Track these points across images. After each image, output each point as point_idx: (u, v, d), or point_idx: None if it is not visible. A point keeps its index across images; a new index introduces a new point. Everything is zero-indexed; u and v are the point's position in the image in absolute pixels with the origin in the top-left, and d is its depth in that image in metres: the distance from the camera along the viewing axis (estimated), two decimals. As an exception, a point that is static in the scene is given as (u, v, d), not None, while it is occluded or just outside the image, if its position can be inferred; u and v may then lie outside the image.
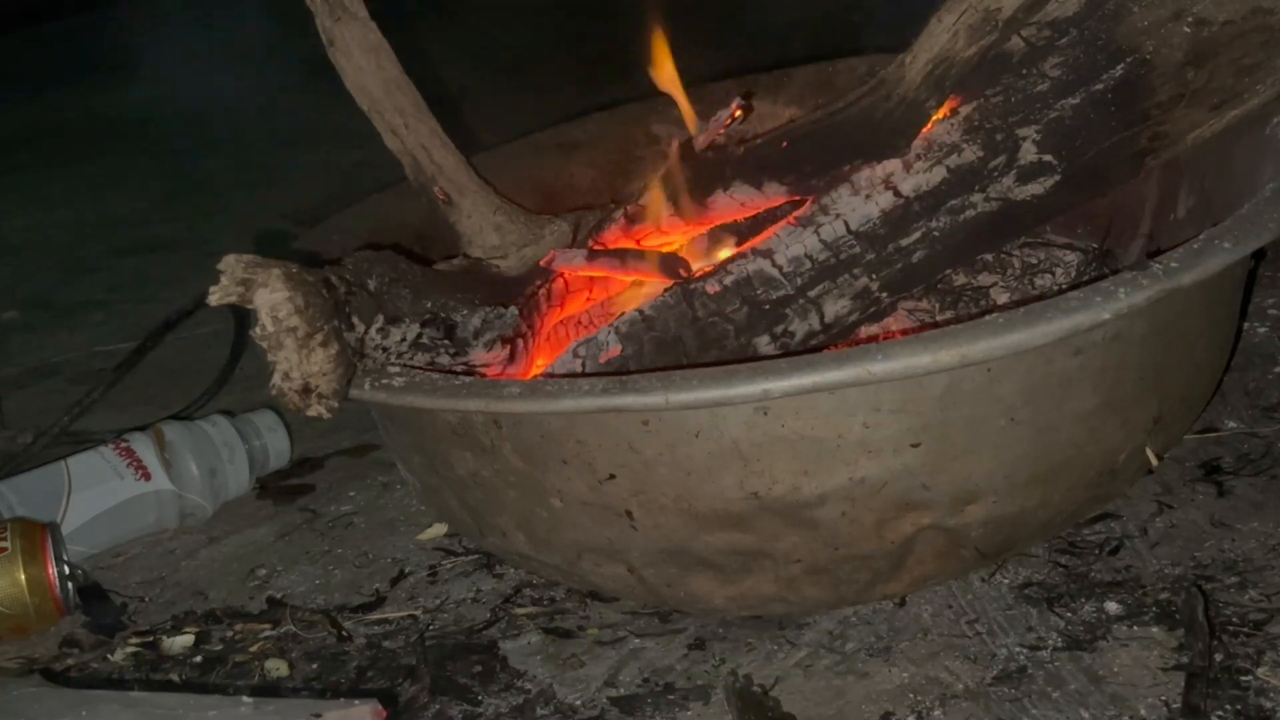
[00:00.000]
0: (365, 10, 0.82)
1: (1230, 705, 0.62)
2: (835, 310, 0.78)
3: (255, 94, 2.36)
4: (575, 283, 0.89)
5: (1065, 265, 0.88)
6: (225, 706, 0.60)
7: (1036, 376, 0.62)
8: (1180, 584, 0.71)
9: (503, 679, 0.72)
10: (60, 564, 0.83)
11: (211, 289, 0.64)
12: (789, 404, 0.61)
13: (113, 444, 0.94)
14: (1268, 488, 0.78)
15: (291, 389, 0.65)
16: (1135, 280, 0.59)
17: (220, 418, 0.99)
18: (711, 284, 0.78)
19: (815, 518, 0.64)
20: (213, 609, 0.84)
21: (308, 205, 1.67)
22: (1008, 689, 0.65)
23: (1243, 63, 0.73)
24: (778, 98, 1.06)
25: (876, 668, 0.68)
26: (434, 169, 0.85)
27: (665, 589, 0.70)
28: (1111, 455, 0.67)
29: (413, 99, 0.84)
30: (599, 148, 1.10)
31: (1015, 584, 0.73)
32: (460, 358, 0.76)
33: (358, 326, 0.69)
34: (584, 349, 0.79)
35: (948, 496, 0.64)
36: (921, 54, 0.75)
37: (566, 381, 0.63)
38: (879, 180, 0.78)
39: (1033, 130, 0.75)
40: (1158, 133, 0.75)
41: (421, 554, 0.87)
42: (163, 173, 2.07)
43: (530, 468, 0.67)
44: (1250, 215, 0.64)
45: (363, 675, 0.74)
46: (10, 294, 1.56)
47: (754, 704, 0.67)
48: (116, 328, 1.40)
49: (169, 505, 0.93)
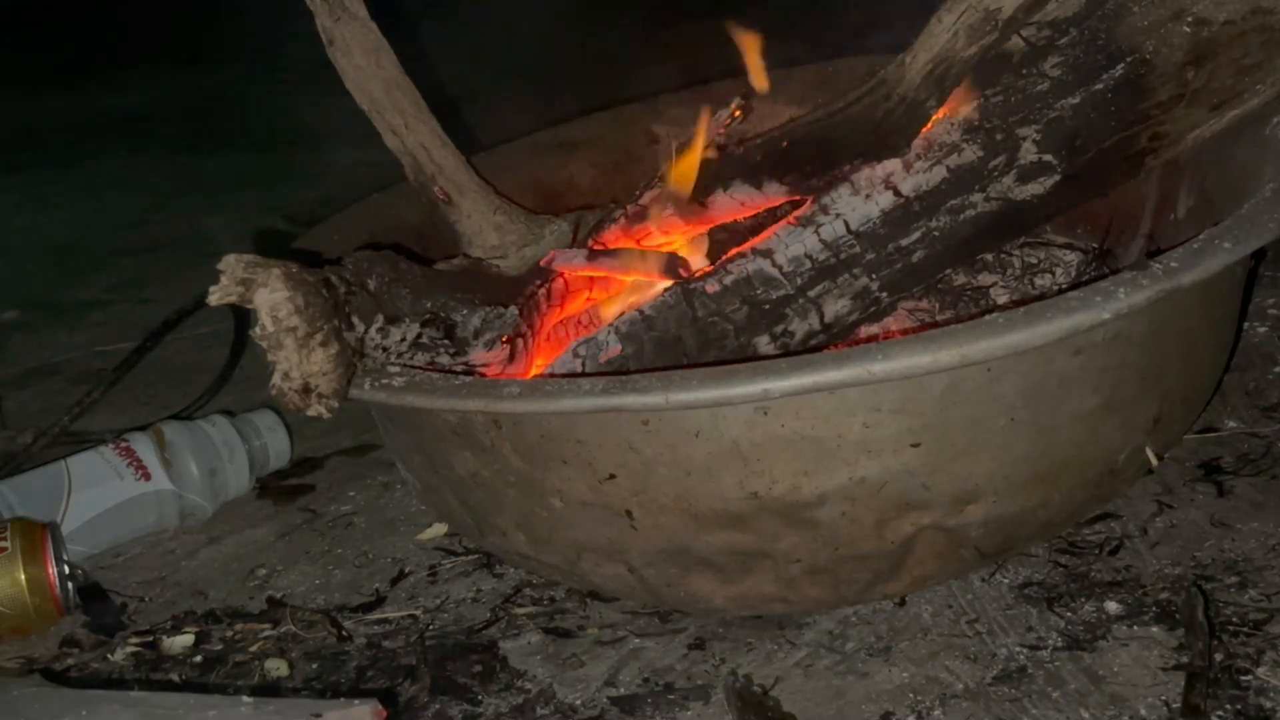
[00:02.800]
0: (365, 10, 0.82)
1: (1230, 705, 0.62)
2: (835, 310, 0.78)
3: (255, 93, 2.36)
4: (575, 283, 0.89)
5: (1065, 265, 0.88)
6: (225, 706, 0.60)
7: (1036, 376, 0.62)
8: (1180, 584, 0.71)
9: (503, 679, 0.72)
10: (60, 564, 0.83)
11: (211, 289, 0.64)
12: (789, 404, 0.61)
13: (113, 444, 0.94)
14: (1268, 488, 0.78)
15: (291, 389, 0.64)
16: (1135, 280, 0.59)
17: (220, 418, 0.99)
18: (711, 284, 0.78)
19: (815, 518, 0.64)
20: (213, 609, 0.84)
21: (308, 205, 1.67)
22: (1008, 689, 0.65)
23: (1243, 63, 0.73)
24: (778, 98, 1.06)
25: (876, 667, 0.68)
26: (434, 169, 0.85)
27: (665, 589, 0.70)
28: (1111, 455, 0.67)
29: (413, 99, 0.84)
30: (599, 148, 1.10)
31: (1015, 584, 0.73)
32: (460, 358, 0.76)
33: (358, 326, 0.69)
34: (584, 349, 0.79)
35: (948, 496, 0.64)
36: (921, 54, 0.75)
37: (566, 381, 0.63)
38: (879, 180, 0.78)
39: (1033, 130, 0.75)
40: (1158, 133, 0.75)
41: (421, 554, 0.87)
42: (163, 173, 2.06)
43: (530, 468, 0.67)
44: (1250, 215, 0.64)
45: (363, 675, 0.74)
46: (10, 294, 1.56)
47: (754, 704, 0.67)
48: (116, 328, 1.40)
49: (169, 505, 0.93)
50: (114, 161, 2.16)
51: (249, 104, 2.35)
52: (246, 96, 2.39)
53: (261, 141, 2.11)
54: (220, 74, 2.59)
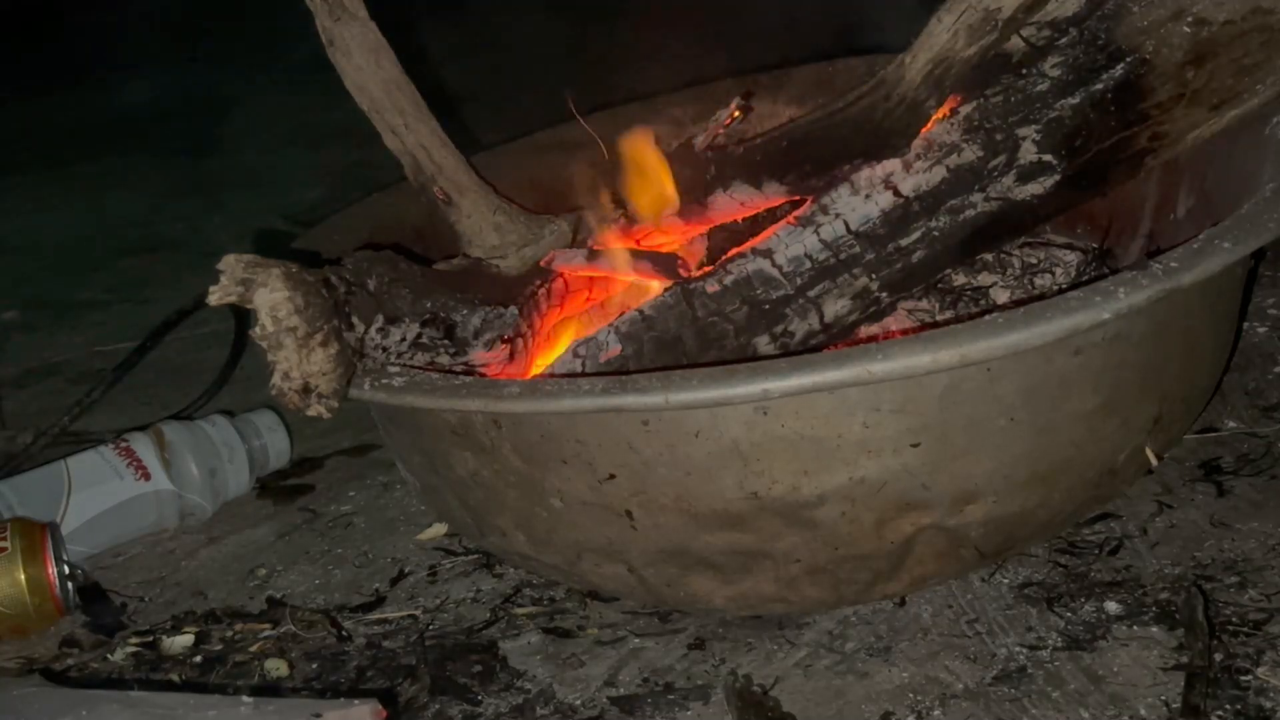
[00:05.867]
0: (365, 10, 0.82)
1: (1230, 705, 0.62)
2: (835, 310, 0.78)
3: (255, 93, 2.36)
4: (575, 283, 0.89)
5: (1065, 265, 0.88)
6: (225, 706, 0.60)
7: (1036, 376, 0.62)
8: (1180, 584, 0.71)
9: (503, 679, 0.72)
10: (60, 564, 0.83)
11: (211, 289, 0.64)
12: (789, 404, 0.61)
13: (113, 444, 0.94)
14: (1268, 488, 0.78)
15: (291, 389, 0.65)
16: (1135, 280, 0.59)
17: (220, 418, 0.99)
18: (711, 284, 0.78)
19: (815, 518, 0.64)
20: (213, 609, 0.84)
21: (308, 205, 1.67)
22: (1008, 689, 0.65)
23: (1243, 63, 0.73)
24: (778, 98, 1.06)
25: (876, 668, 0.68)
26: (434, 169, 0.85)
27: (665, 589, 0.70)
28: (1111, 455, 0.67)
29: (413, 99, 0.84)
30: (599, 148, 1.10)
31: (1015, 584, 0.73)
32: (460, 358, 0.76)
33: (358, 326, 0.69)
34: (584, 349, 0.79)
35: (948, 496, 0.64)
36: (921, 54, 0.75)
37: (566, 381, 0.63)
38: (879, 180, 0.78)
39: (1033, 130, 0.75)
40: (1158, 133, 0.75)
41: (421, 554, 0.87)
42: (163, 173, 2.06)
43: (530, 468, 0.67)
44: (1250, 215, 0.64)
45: (363, 675, 0.74)
46: (10, 294, 1.56)
47: (754, 704, 0.67)
48: (116, 328, 1.40)
49: (169, 505, 0.93)
50: (114, 161, 2.16)
51: (249, 104, 2.35)
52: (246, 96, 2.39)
53: (261, 142, 2.11)
54: (220, 74, 2.59)
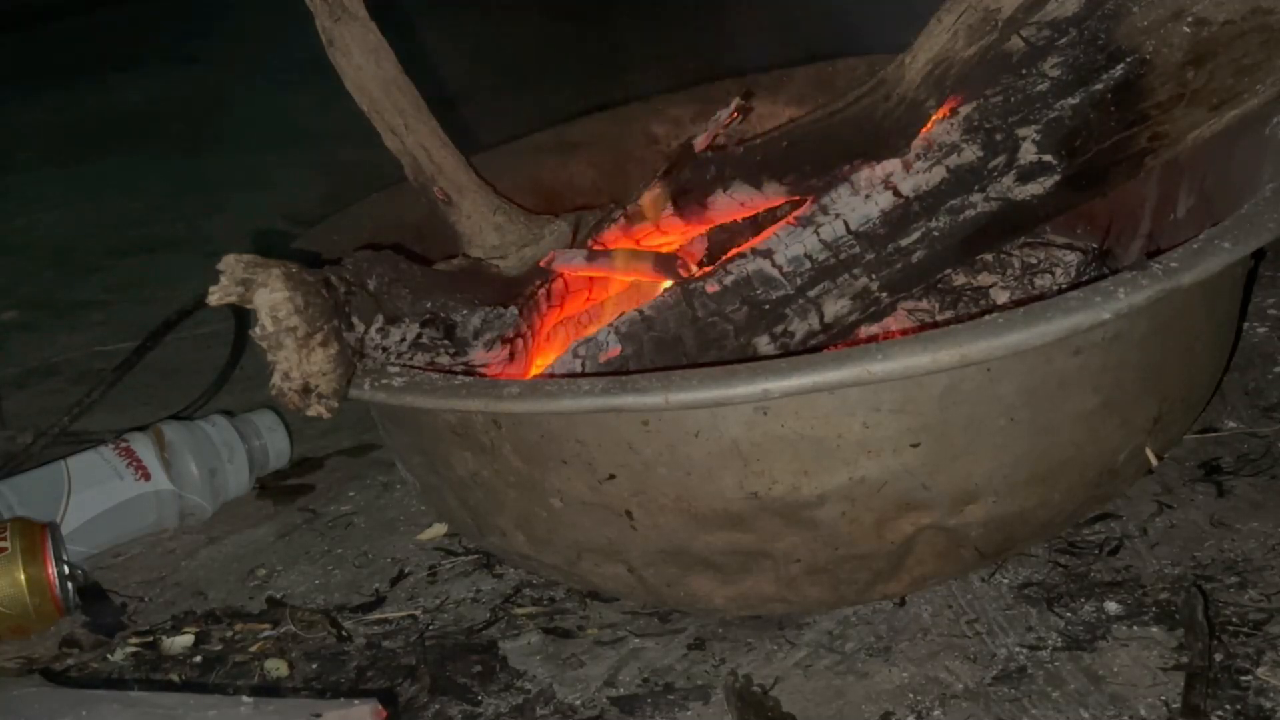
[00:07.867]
0: (365, 10, 0.82)
1: (1230, 705, 0.62)
2: (835, 310, 0.78)
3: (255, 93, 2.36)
4: (575, 283, 0.89)
5: (1065, 265, 0.88)
6: (225, 706, 0.60)
7: (1036, 376, 0.62)
8: (1180, 584, 0.71)
9: (502, 679, 0.72)
10: (60, 564, 0.83)
11: (211, 289, 0.64)
12: (789, 404, 0.61)
13: (113, 444, 0.94)
14: (1268, 488, 0.78)
15: (291, 389, 0.64)
16: (1135, 280, 0.59)
17: (220, 418, 0.99)
18: (711, 284, 0.78)
19: (815, 518, 0.64)
20: (212, 609, 0.84)
21: (308, 205, 1.67)
22: (1007, 689, 0.65)
23: (1243, 63, 0.73)
24: (778, 98, 1.06)
25: (876, 668, 0.68)
26: (434, 169, 0.85)
27: (665, 589, 0.70)
28: (1111, 455, 0.67)
29: (413, 99, 0.84)
30: (599, 148, 1.10)
31: (1015, 584, 0.73)
32: (460, 358, 0.76)
33: (358, 326, 0.69)
34: (584, 349, 0.79)
35: (947, 496, 0.64)
36: (921, 54, 0.75)
37: (566, 381, 0.63)
38: (879, 180, 0.78)
39: (1033, 130, 0.75)
40: (1158, 133, 0.75)
41: (421, 554, 0.87)
42: (163, 173, 2.06)
43: (530, 468, 0.67)
44: (1250, 215, 0.64)
45: (362, 675, 0.74)
46: (10, 294, 1.56)
47: (754, 704, 0.67)
48: (116, 328, 1.40)
49: (169, 505, 0.93)
50: (114, 161, 2.16)
51: (249, 104, 2.35)
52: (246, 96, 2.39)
53: (261, 141, 2.11)
54: (220, 74, 2.59)
